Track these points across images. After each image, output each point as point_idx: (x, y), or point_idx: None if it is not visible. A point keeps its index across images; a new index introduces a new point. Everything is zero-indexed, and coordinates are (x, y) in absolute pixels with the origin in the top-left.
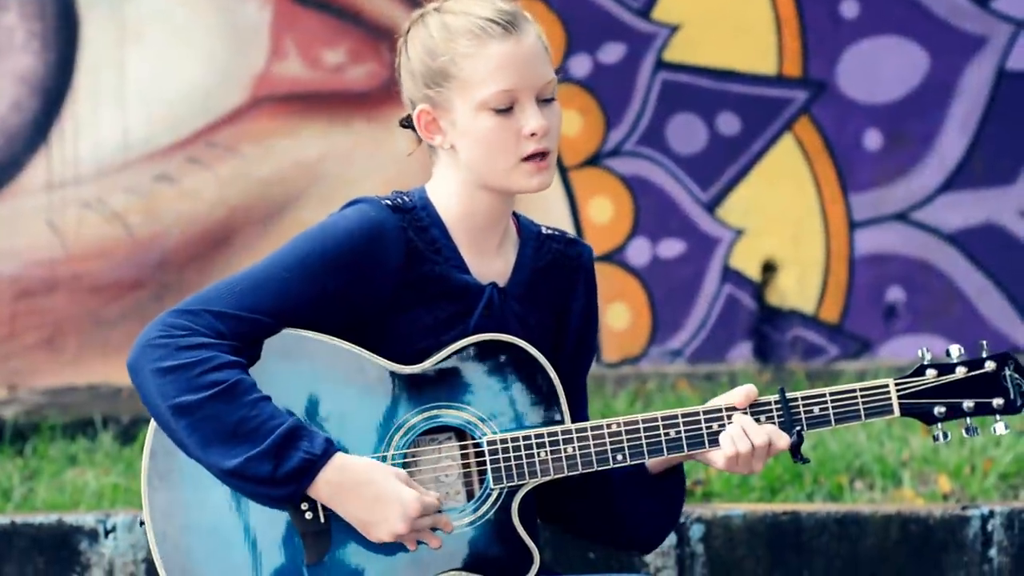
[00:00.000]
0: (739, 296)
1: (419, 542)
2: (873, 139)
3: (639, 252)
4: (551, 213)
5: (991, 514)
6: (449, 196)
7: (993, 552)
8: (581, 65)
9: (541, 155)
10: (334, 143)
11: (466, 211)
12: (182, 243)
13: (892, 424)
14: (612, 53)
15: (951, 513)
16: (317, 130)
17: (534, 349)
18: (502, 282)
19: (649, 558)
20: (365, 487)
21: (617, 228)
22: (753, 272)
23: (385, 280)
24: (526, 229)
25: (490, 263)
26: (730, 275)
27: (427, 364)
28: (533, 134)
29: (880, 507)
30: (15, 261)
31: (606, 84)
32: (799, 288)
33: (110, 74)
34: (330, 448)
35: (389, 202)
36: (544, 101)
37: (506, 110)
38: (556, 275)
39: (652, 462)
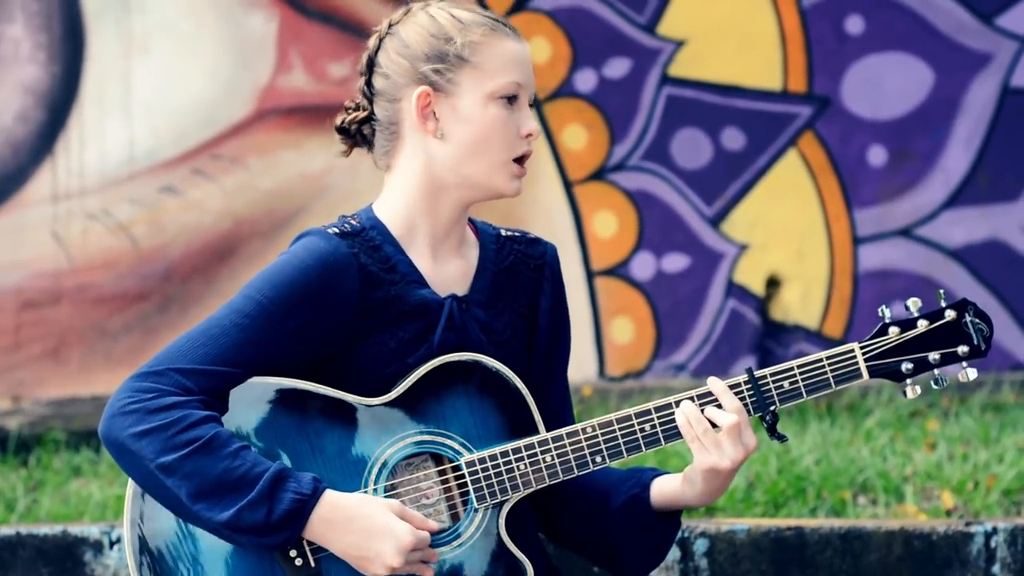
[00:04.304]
0: (743, 311)
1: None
2: (877, 155)
3: (643, 266)
4: (555, 227)
5: (994, 530)
6: (407, 204)
7: (996, 569)
8: (587, 80)
9: (524, 158)
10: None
11: (424, 217)
12: (187, 255)
13: (895, 440)
14: (617, 68)
15: (954, 529)
16: (322, 142)
17: (498, 363)
18: (462, 289)
19: (654, 573)
20: (357, 522)
21: (621, 242)
22: (757, 287)
23: (345, 310)
24: (484, 233)
25: (449, 269)
26: (734, 290)
27: (394, 393)
28: (529, 135)
29: (883, 523)
30: (20, 272)
31: (611, 99)
32: (803, 303)
33: (116, 86)
34: (319, 486)
35: (336, 229)
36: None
37: (511, 104)
38: (520, 276)
39: (657, 496)
